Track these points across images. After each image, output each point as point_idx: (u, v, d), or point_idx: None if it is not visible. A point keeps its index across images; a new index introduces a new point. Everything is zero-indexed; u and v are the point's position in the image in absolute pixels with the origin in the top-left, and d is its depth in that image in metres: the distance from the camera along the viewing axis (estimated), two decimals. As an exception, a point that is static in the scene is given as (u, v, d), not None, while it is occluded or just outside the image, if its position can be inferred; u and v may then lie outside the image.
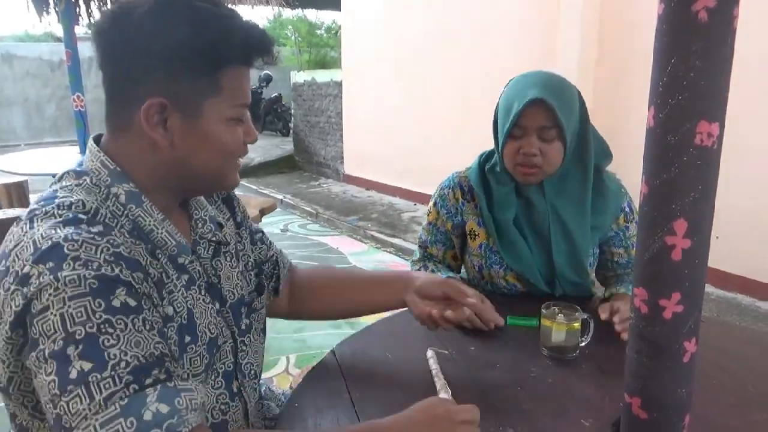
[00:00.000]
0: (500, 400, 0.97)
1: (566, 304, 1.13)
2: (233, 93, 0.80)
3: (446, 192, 1.46)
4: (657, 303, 0.76)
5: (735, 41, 0.68)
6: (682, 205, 0.72)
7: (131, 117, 0.77)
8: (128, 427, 0.61)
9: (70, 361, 0.62)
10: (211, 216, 0.94)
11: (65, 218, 0.71)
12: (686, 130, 0.69)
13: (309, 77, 9.03)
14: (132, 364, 0.64)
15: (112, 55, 0.78)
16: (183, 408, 0.65)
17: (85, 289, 0.65)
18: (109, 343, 0.64)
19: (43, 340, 0.64)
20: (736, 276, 3.67)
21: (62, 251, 0.66)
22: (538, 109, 1.24)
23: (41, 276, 0.65)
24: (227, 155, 0.83)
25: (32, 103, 12.74)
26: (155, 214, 0.80)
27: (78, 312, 0.64)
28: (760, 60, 3.40)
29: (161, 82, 0.76)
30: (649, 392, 0.80)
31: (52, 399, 0.62)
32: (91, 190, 0.77)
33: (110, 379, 0.62)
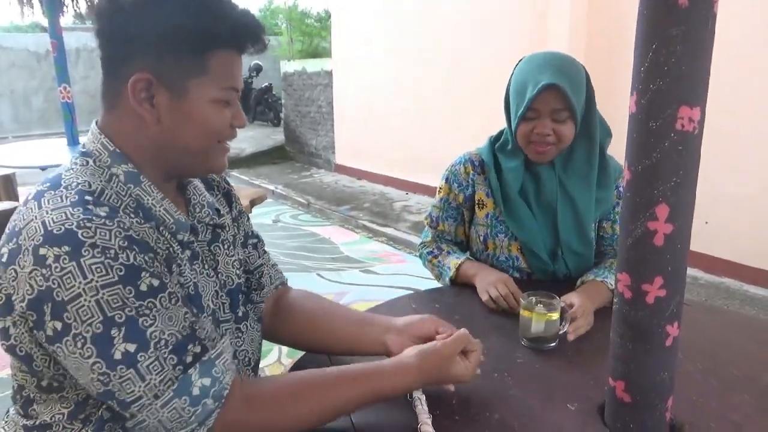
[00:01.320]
0: (487, 387, 0.98)
1: (545, 293, 1.13)
2: (221, 75, 0.81)
3: (458, 168, 1.51)
4: (640, 287, 0.77)
5: (716, 25, 0.68)
6: (663, 190, 0.72)
7: (120, 93, 0.80)
8: (183, 403, 0.72)
9: (113, 343, 0.68)
10: (209, 202, 0.96)
11: (72, 199, 0.73)
12: (667, 115, 0.70)
13: (299, 67, 8.97)
14: (171, 342, 0.72)
15: (107, 33, 0.80)
16: (220, 374, 0.76)
17: (114, 278, 0.69)
18: (148, 324, 0.71)
19: (77, 325, 0.68)
20: (725, 261, 3.70)
21: (77, 237, 0.69)
22: (550, 93, 1.28)
23: (60, 260, 0.68)
24: (212, 136, 0.84)
25: (19, 95, 12.59)
26: (154, 193, 0.83)
27: (113, 299, 0.69)
28: (752, 46, 3.41)
29: (149, 59, 0.78)
30: (632, 376, 0.81)
31: (101, 378, 0.69)
32: (95, 171, 0.80)
33: (156, 361, 0.70)
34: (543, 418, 0.89)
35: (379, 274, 4.05)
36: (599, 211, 1.43)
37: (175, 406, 0.71)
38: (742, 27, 3.38)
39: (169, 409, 0.71)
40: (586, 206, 1.39)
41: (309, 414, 0.81)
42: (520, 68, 1.35)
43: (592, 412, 0.90)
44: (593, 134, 1.37)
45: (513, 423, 0.88)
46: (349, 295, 3.60)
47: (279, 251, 4.53)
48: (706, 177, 3.93)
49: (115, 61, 0.81)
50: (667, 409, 0.83)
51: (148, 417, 0.71)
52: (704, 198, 2.92)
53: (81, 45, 12.56)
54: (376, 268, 4.19)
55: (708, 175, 3.98)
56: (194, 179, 0.97)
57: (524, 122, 1.33)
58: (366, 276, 4.01)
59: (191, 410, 0.72)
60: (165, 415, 0.71)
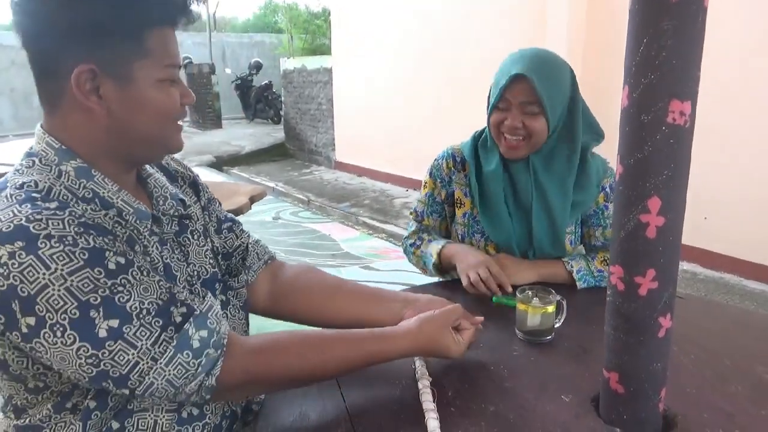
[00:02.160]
0: (483, 379, 0.99)
1: (540, 287, 1.15)
2: (161, 54, 0.79)
3: (440, 162, 1.52)
4: (632, 280, 0.78)
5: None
6: (655, 183, 0.73)
7: (63, 90, 0.77)
8: (187, 357, 0.73)
9: (95, 323, 0.68)
10: (172, 193, 0.94)
11: (18, 197, 0.71)
12: (659, 109, 0.71)
13: (299, 64, 8.97)
14: (153, 309, 0.72)
15: (33, 29, 0.76)
16: (215, 324, 0.78)
17: (79, 262, 0.68)
18: (125, 300, 0.70)
19: (52, 315, 0.66)
20: (724, 256, 3.71)
21: (29, 231, 0.67)
22: (519, 85, 1.29)
23: (16, 256, 0.66)
24: (164, 117, 0.83)
25: (19, 93, 12.59)
26: (108, 185, 0.80)
27: (83, 283, 0.68)
28: (755, 43, 3.41)
29: (87, 49, 0.75)
30: (625, 367, 0.82)
31: (90, 361, 0.68)
32: (42, 170, 0.77)
33: (142, 327, 0.70)
34: (538, 410, 0.90)
35: (379, 270, 4.07)
36: (576, 215, 1.42)
37: (180, 361, 0.72)
38: (745, 23, 3.38)
39: (174, 366, 0.72)
40: (561, 211, 1.38)
41: (308, 366, 0.84)
42: (503, 62, 1.37)
43: (586, 404, 0.91)
44: (575, 137, 1.36)
45: (508, 414, 0.89)
46: (349, 292, 3.61)
47: (279, 248, 4.55)
48: (706, 172, 3.93)
49: (49, 58, 0.77)
50: (660, 400, 0.83)
51: (155, 379, 0.71)
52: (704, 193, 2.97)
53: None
54: (376, 264, 4.20)
55: (708, 170, 3.97)
56: (154, 172, 0.95)
57: (496, 112, 1.35)
58: (366, 272, 4.02)
59: (195, 362, 0.73)
60: (171, 373, 0.72)
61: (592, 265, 1.39)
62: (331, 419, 0.90)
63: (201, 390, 0.76)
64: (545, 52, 1.34)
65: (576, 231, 1.47)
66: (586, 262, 1.40)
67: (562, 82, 1.32)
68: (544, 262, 1.41)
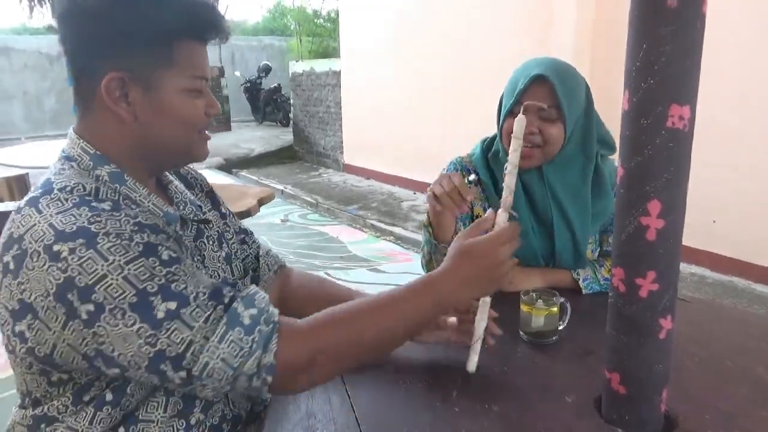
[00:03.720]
0: (486, 380, 1.00)
1: (545, 290, 1.15)
2: (187, 65, 0.84)
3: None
4: (633, 282, 0.79)
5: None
6: (655, 186, 0.74)
7: (94, 95, 0.81)
8: (238, 333, 0.73)
9: (154, 306, 0.70)
10: (191, 199, 0.98)
11: (73, 201, 0.75)
12: (658, 113, 0.72)
13: (308, 67, 9.01)
14: (206, 293, 0.74)
15: (71, 37, 0.81)
16: (264, 304, 0.78)
17: (134, 254, 0.71)
18: (181, 286, 0.73)
19: (111, 301, 0.69)
20: (732, 259, 3.69)
21: (90, 230, 0.71)
22: (540, 87, 1.25)
23: (76, 251, 0.69)
24: (188, 126, 0.87)
25: (32, 96, 12.74)
26: (140, 190, 0.85)
27: (140, 272, 0.71)
28: (760, 45, 3.40)
29: (117, 57, 0.80)
30: (627, 368, 0.83)
31: (149, 341, 0.70)
32: (82, 173, 0.81)
33: (198, 308, 0.72)
34: (541, 411, 0.91)
35: (386, 272, 4.08)
36: (598, 224, 1.40)
37: (232, 338, 0.72)
38: (750, 26, 3.37)
39: (227, 343, 0.72)
40: (582, 224, 1.35)
41: (374, 330, 0.80)
42: (516, 69, 1.34)
43: (588, 405, 0.92)
44: (590, 148, 1.33)
45: (511, 415, 0.90)
46: (357, 294, 3.62)
47: (287, 250, 4.57)
48: (714, 175, 3.92)
49: (84, 65, 0.82)
50: (662, 400, 0.84)
51: (210, 358, 0.71)
52: (711, 196, 2.97)
53: None
54: (384, 266, 4.22)
55: (715, 173, 3.95)
56: (173, 179, 0.99)
57: (510, 118, 1.28)
58: (374, 275, 4.04)
59: (248, 339, 0.73)
60: (225, 350, 0.72)
61: (599, 273, 1.38)
62: (337, 419, 0.91)
63: (261, 371, 0.74)
64: (561, 60, 1.32)
65: (596, 239, 1.44)
66: (593, 270, 1.38)
67: (579, 91, 1.30)
68: (549, 270, 1.39)
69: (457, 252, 0.87)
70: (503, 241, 0.87)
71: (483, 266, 0.86)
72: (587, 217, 1.35)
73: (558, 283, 1.36)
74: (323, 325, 0.80)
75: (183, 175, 1.06)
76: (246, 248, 1.11)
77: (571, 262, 1.39)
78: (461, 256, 0.86)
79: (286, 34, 15.07)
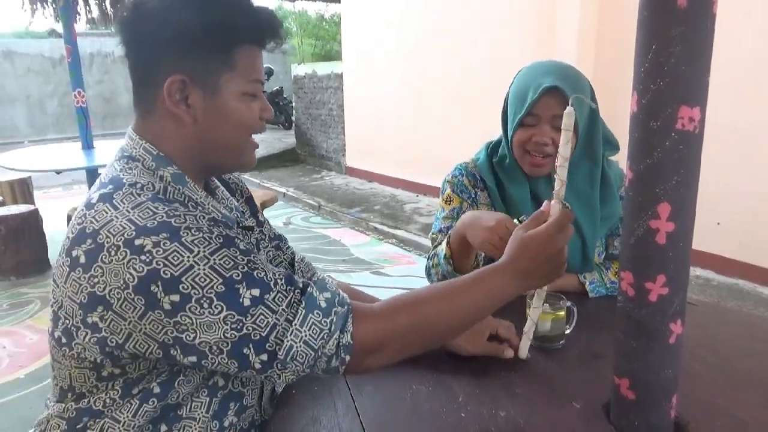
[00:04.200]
0: (494, 385, 0.99)
1: (551, 294, 1.13)
2: (246, 69, 0.85)
3: (461, 179, 1.43)
4: (643, 285, 0.78)
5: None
6: (665, 189, 0.73)
7: (156, 98, 0.83)
8: (318, 317, 0.76)
9: (239, 294, 0.73)
10: (235, 205, 1.01)
11: (148, 197, 0.77)
12: (668, 115, 0.71)
13: (310, 70, 9.02)
14: (284, 278, 0.77)
15: (133, 41, 0.84)
16: (335, 289, 0.81)
17: (216, 245, 0.74)
18: (262, 273, 0.76)
19: (198, 291, 0.71)
20: (738, 262, 3.67)
21: (171, 224, 0.73)
22: (552, 97, 1.23)
23: (161, 244, 0.71)
24: (245, 129, 0.88)
25: (34, 99, 12.78)
26: (199, 192, 0.87)
27: (224, 261, 0.73)
28: (765, 44, 3.39)
29: (180, 61, 0.81)
30: (636, 373, 0.82)
31: (235, 326, 0.72)
32: (148, 173, 0.83)
33: (279, 294, 0.75)
34: (548, 416, 0.90)
35: (389, 275, 4.07)
36: (605, 228, 1.39)
37: (313, 321, 0.75)
38: (755, 25, 3.36)
39: (308, 326, 0.75)
40: (591, 228, 1.34)
41: (445, 312, 0.83)
42: (522, 74, 1.31)
43: (597, 410, 0.91)
44: (596, 152, 1.32)
45: (519, 420, 0.89)
46: (360, 297, 3.61)
47: (290, 253, 4.56)
48: (719, 177, 3.91)
49: (146, 68, 0.84)
50: (672, 406, 0.83)
51: (294, 341, 0.74)
52: (717, 198, 2.96)
53: (95, 50, 12.73)
54: (387, 269, 4.21)
55: (720, 175, 3.94)
56: (219, 185, 1.00)
57: (522, 129, 1.28)
58: (376, 278, 4.03)
59: (327, 321, 0.76)
60: (307, 333, 0.75)
61: (605, 276, 1.37)
62: (342, 424, 0.90)
63: (340, 351, 0.77)
64: (566, 64, 1.30)
65: (602, 243, 1.43)
66: (600, 273, 1.38)
67: (587, 94, 1.27)
68: None
69: (517, 244, 0.88)
70: (559, 230, 0.87)
71: (543, 256, 0.86)
72: (596, 221, 1.34)
73: (564, 287, 1.34)
74: (394, 308, 0.82)
75: (225, 180, 1.08)
76: (281, 254, 1.12)
77: (579, 267, 1.37)
78: (521, 248, 0.88)
79: (288, 37, 15.12)
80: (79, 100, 4.67)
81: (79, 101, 4.68)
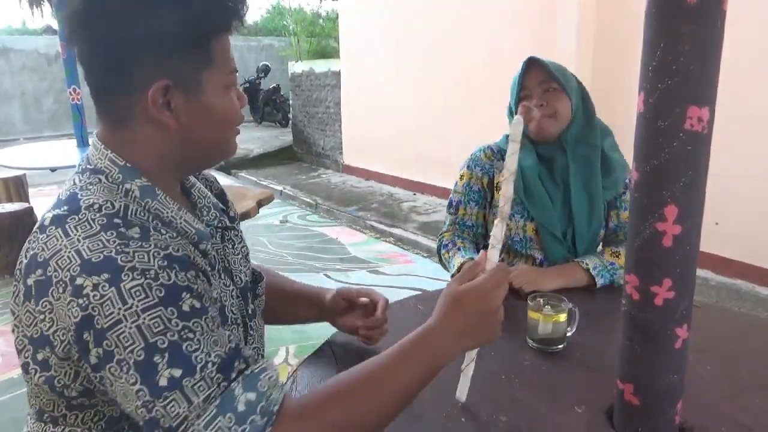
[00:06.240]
0: (494, 389, 0.97)
1: (552, 295, 1.13)
2: (223, 61, 0.80)
3: (478, 155, 1.61)
4: (648, 289, 0.76)
5: (725, 24, 0.67)
6: (672, 190, 0.72)
7: (132, 106, 0.76)
8: (229, 422, 0.65)
9: (158, 370, 0.64)
10: (213, 203, 0.94)
11: (102, 223, 0.69)
12: (676, 114, 0.69)
13: (307, 67, 8.99)
14: (217, 363, 0.67)
15: (94, 42, 0.74)
16: (266, 389, 0.69)
17: (154, 299, 0.65)
18: (192, 348, 0.66)
19: (120, 351, 0.64)
20: (736, 262, 3.67)
21: (116, 263, 0.66)
22: (534, 69, 1.44)
23: (99, 288, 0.65)
24: (232, 123, 0.83)
25: (30, 96, 12.70)
26: (170, 205, 0.79)
27: (154, 323, 0.65)
28: (764, 45, 3.38)
29: (160, 64, 0.74)
30: (641, 378, 0.80)
31: (145, 405, 0.64)
32: (110, 188, 0.75)
33: (202, 382, 0.65)
34: (550, 421, 0.89)
35: (386, 274, 4.05)
36: (606, 195, 1.50)
37: (220, 425, 0.64)
38: (753, 25, 3.35)
39: (213, 429, 0.64)
40: (596, 187, 1.47)
41: (374, 408, 0.72)
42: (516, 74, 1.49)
43: (600, 415, 0.89)
44: (593, 124, 1.48)
45: (520, 425, 0.88)
46: (357, 296, 3.59)
47: (287, 252, 4.54)
48: (717, 177, 3.88)
49: (117, 73, 0.75)
50: (676, 412, 0.82)
51: None
52: (715, 198, 2.91)
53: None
54: (384, 268, 4.19)
55: (718, 174, 3.93)
56: (195, 181, 0.94)
57: (521, 105, 1.43)
58: (374, 276, 4.01)
59: (238, 429, 0.65)
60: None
61: (603, 260, 1.44)
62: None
63: None
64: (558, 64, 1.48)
65: (602, 216, 1.53)
66: (598, 258, 1.45)
67: (570, 76, 1.46)
68: (561, 267, 1.46)
69: (449, 300, 0.78)
70: (496, 285, 0.77)
71: (477, 315, 0.76)
72: (599, 181, 1.48)
73: (574, 280, 1.41)
74: (321, 408, 0.71)
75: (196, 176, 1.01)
76: None
77: (587, 225, 1.48)
78: (453, 305, 0.77)
79: (283, 33, 14.99)
80: (74, 97, 4.64)
81: (75, 98, 4.65)
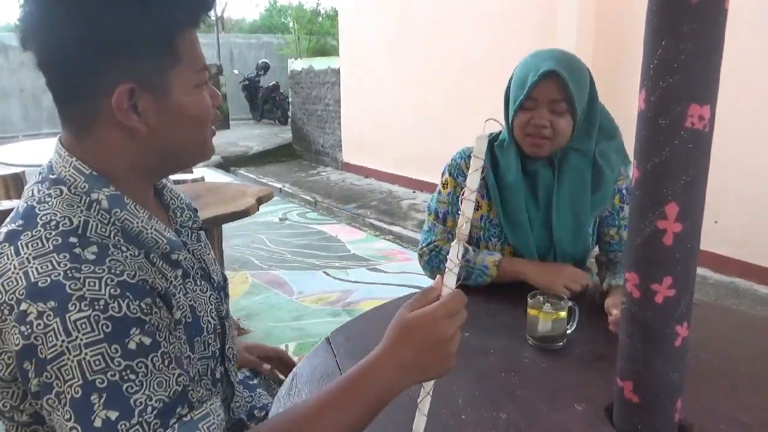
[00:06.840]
0: (494, 387, 0.98)
1: (552, 293, 1.13)
2: (192, 58, 0.75)
3: (459, 162, 1.49)
4: (648, 287, 0.76)
5: (727, 22, 0.67)
6: (673, 188, 0.72)
7: (95, 112, 0.72)
8: None
9: (94, 410, 0.61)
10: (187, 203, 0.92)
11: (55, 242, 0.65)
12: (677, 113, 0.69)
13: (306, 65, 8.98)
14: (157, 408, 0.63)
15: (52, 45, 0.70)
16: None
17: (99, 335, 0.62)
18: (132, 390, 0.62)
19: (60, 384, 0.62)
20: (735, 260, 3.67)
21: (64, 290, 0.62)
22: (550, 81, 1.27)
23: (44, 317, 0.62)
24: (204, 123, 0.79)
25: (29, 94, 12.66)
26: (140, 214, 0.75)
27: (96, 360, 0.61)
28: (763, 44, 3.38)
29: (122, 66, 0.69)
30: (641, 376, 0.81)
31: None
32: (72, 201, 0.71)
33: (138, 426, 0.61)
34: (550, 419, 0.89)
35: (386, 272, 4.05)
36: (595, 213, 1.41)
37: None
38: (752, 24, 3.35)
39: None
40: (583, 205, 1.37)
41: None
42: (524, 61, 1.35)
43: (599, 413, 0.89)
44: (592, 134, 1.37)
45: (520, 423, 0.88)
46: (356, 294, 3.59)
47: (286, 249, 4.54)
48: (716, 175, 3.87)
49: (78, 78, 0.71)
50: (676, 410, 0.82)
51: None
52: (714, 196, 2.90)
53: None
54: (383, 266, 4.19)
55: (717, 173, 3.92)
56: (167, 182, 0.91)
57: (522, 112, 1.32)
58: (373, 274, 4.01)
59: None
60: None
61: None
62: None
63: None
64: (567, 52, 1.34)
65: (594, 232, 1.45)
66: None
67: (585, 83, 1.33)
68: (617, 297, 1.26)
69: (396, 329, 0.72)
70: (449, 314, 0.70)
71: (426, 345, 0.70)
72: (587, 200, 1.37)
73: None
74: None
75: None
76: None
77: (570, 243, 1.39)
78: (400, 334, 0.71)
79: (283, 31, 14.98)
80: (73, 94, 4.62)
81: (74, 95, 4.63)
